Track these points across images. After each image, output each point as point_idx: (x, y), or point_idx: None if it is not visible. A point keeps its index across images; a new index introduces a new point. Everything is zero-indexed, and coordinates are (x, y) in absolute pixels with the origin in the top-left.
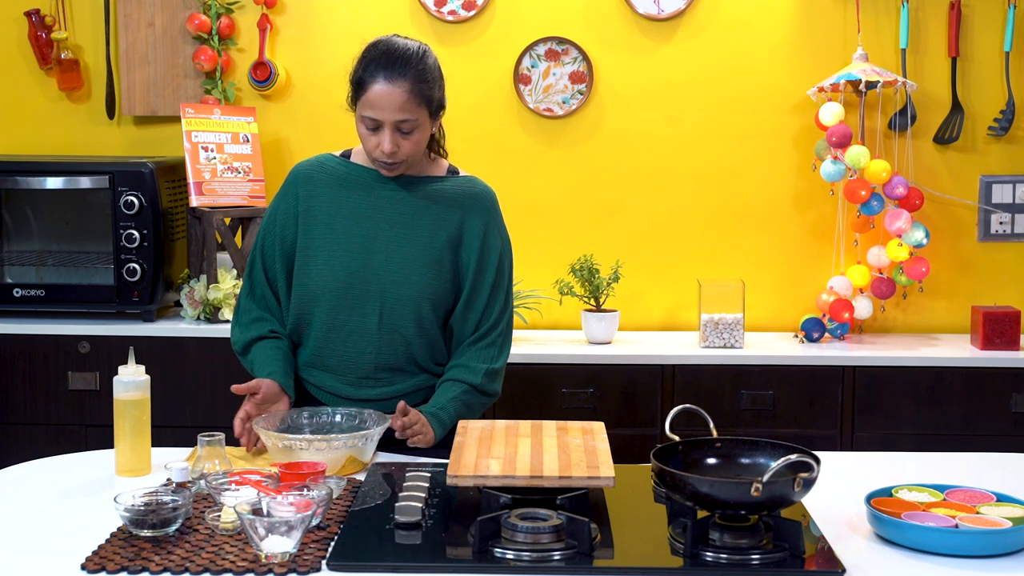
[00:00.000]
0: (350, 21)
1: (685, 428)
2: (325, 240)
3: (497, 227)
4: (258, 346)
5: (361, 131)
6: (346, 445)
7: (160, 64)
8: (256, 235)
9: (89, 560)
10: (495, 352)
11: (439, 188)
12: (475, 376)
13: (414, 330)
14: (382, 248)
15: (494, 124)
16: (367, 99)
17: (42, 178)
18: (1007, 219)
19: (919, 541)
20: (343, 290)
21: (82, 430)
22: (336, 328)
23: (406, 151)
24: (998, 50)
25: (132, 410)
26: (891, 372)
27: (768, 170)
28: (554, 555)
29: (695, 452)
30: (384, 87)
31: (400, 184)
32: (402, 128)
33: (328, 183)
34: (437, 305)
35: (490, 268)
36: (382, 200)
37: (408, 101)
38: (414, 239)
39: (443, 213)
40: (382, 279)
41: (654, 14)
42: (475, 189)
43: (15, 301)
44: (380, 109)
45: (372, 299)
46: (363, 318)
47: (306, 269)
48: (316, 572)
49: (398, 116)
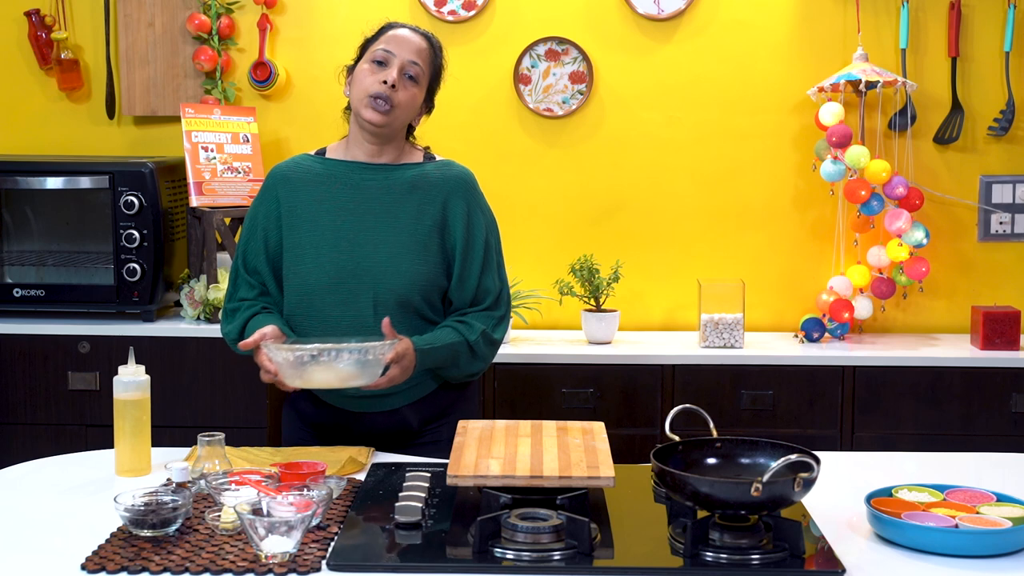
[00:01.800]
0: (350, 21)
1: (685, 428)
2: (311, 238)
3: (480, 206)
4: (255, 319)
5: (363, 68)
6: (356, 358)
7: (160, 64)
8: (237, 245)
9: (89, 560)
10: (494, 323)
11: (418, 174)
12: (472, 333)
13: (409, 318)
14: (369, 239)
15: (494, 124)
16: (384, 37)
17: (42, 178)
18: (1007, 219)
19: (919, 541)
20: (334, 285)
21: (82, 430)
22: (331, 324)
23: (402, 98)
24: (998, 50)
25: (132, 410)
26: (891, 372)
27: (768, 170)
28: (554, 555)
29: (695, 452)
30: (405, 31)
31: (379, 173)
32: (409, 71)
33: (307, 181)
34: (428, 290)
35: (477, 247)
36: (363, 192)
37: (424, 50)
38: (399, 227)
39: (425, 198)
40: (373, 270)
41: (654, 14)
42: (453, 171)
43: (15, 301)
44: (398, 45)
45: (365, 291)
46: (357, 311)
47: (295, 269)
48: (316, 572)
49: (411, 56)
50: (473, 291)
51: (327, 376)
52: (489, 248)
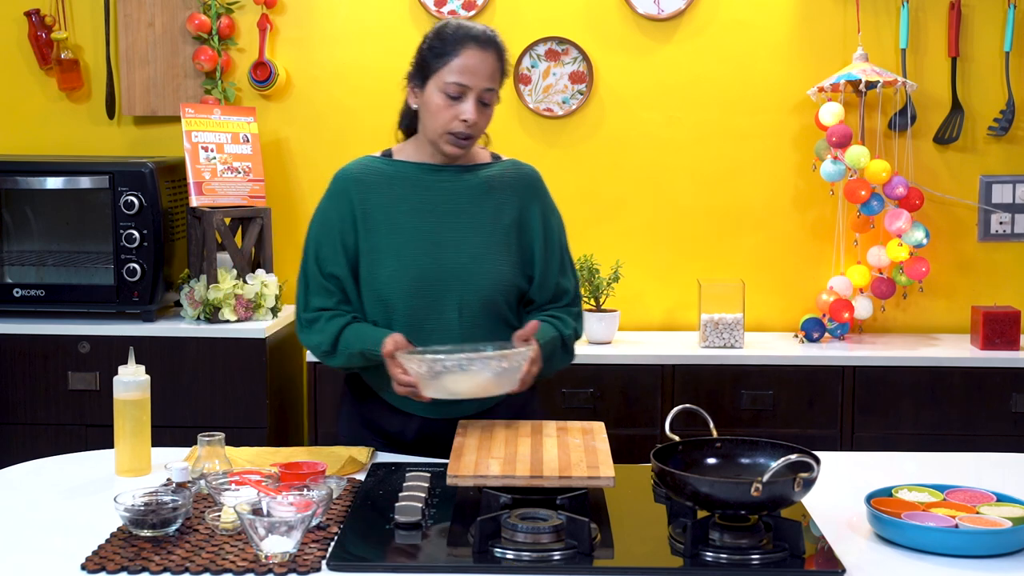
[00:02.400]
0: (350, 21)
1: (685, 428)
2: (390, 241)
3: (552, 207)
4: (349, 330)
5: (437, 102)
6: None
7: (160, 64)
8: (305, 247)
9: (89, 560)
10: (575, 320)
11: (491, 174)
12: (566, 327)
13: (493, 321)
14: (451, 241)
15: (494, 124)
16: (455, 65)
17: (42, 178)
18: (1007, 219)
19: (919, 541)
20: (419, 289)
21: (82, 430)
22: (416, 329)
23: (481, 125)
24: (998, 50)
25: (132, 410)
26: (891, 372)
27: (768, 170)
28: (554, 555)
29: (695, 452)
30: (477, 53)
31: (452, 174)
32: (484, 99)
33: (379, 183)
34: (510, 291)
35: (554, 248)
36: (439, 193)
37: (497, 71)
38: (479, 227)
39: (501, 198)
40: (458, 272)
41: (654, 14)
42: (524, 171)
43: (15, 301)
44: (472, 75)
45: (451, 294)
46: (442, 315)
47: (375, 273)
48: (316, 572)
49: (487, 84)
50: (553, 289)
51: (466, 385)
52: (563, 247)
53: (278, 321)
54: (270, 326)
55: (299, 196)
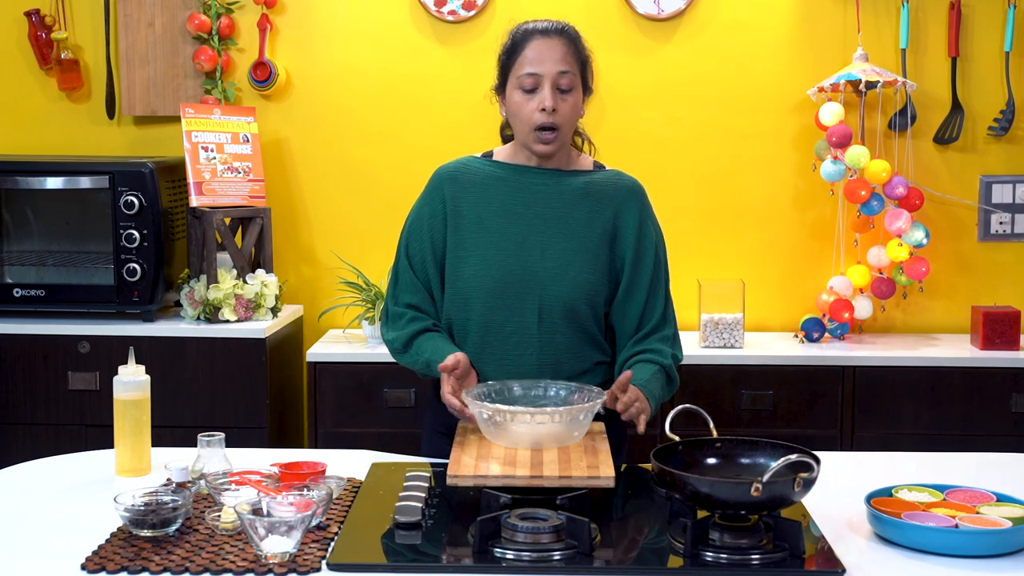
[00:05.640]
0: (350, 21)
1: (685, 428)
2: (476, 240)
3: (652, 220)
4: (424, 337)
5: (516, 100)
6: (564, 419)
7: (160, 64)
8: (399, 242)
9: (89, 560)
10: (670, 345)
11: (588, 181)
12: (665, 358)
13: (573, 329)
14: (537, 244)
15: (494, 124)
16: (524, 58)
17: (42, 178)
18: (1007, 219)
19: (919, 541)
20: (499, 290)
21: (82, 430)
22: (494, 331)
23: (564, 113)
24: (998, 50)
25: (132, 410)
26: (891, 372)
27: (768, 170)
28: (554, 555)
29: (695, 452)
30: (544, 42)
31: (549, 178)
32: (560, 84)
33: (474, 182)
34: (595, 300)
35: (647, 261)
36: (532, 196)
37: (568, 53)
38: (569, 233)
39: (596, 206)
40: (540, 276)
41: (654, 14)
42: (625, 182)
43: (15, 301)
44: (540, 62)
45: (531, 298)
46: (521, 318)
47: (458, 271)
48: (316, 572)
49: (559, 67)
50: (639, 312)
51: (530, 439)
52: (659, 263)
53: (278, 321)
54: (270, 326)
55: (299, 196)
